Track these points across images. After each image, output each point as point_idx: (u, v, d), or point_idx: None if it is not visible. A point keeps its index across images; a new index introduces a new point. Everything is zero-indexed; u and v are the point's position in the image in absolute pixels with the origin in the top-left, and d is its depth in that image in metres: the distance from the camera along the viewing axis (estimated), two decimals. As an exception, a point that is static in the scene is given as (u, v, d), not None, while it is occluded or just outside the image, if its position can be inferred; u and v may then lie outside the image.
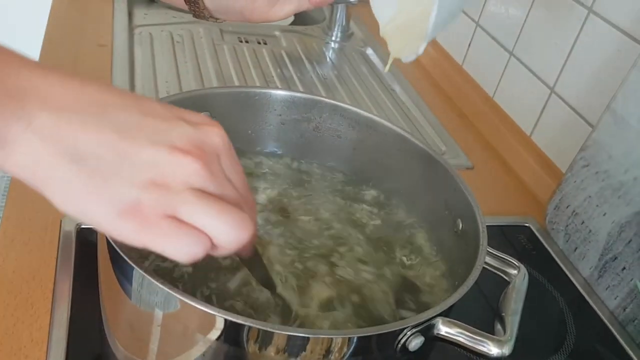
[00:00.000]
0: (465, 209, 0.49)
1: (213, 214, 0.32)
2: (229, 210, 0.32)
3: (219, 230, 0.32)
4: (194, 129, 0.33)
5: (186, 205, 0.31)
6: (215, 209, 0.32)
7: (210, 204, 0.32)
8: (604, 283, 0.71)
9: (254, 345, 0.37)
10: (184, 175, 0.32)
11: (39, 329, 0.53)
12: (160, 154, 0.31)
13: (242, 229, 0.33)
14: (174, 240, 0.31)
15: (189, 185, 0.32)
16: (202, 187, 0.32)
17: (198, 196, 0.32)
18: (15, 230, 0.62)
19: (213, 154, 0.33)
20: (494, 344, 0.39)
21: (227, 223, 0.32)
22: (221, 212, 0.32)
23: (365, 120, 0.57)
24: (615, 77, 0.74)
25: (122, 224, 0.31)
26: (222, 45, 1.07)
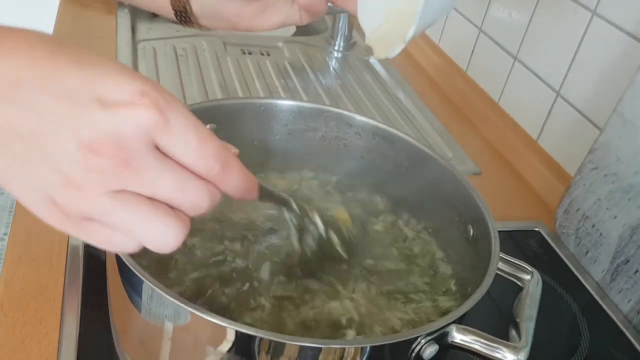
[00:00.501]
0: (475, 215, 0.48)
1: (131, 222, 0.29)
2: (150, 216, 0.29)
3: (140, 238, 0.29)
4: (110, 116, 0.28)
5: (100, 214, 0.29)
6: (134, 218, 0.29)
7: (128, 212, 0.29)
8: (616, 286, 0.70)
9: (266, 357, 0.36)
10: (96, 177, 0.28)
11: (48, 345, 0.52)
12: (67, 149, 0.27)
13: (167, 235, 0.30)
14: (100, 240, 0.30)
15: (106, 189, 0.28)
16: (121, 188, 0.28)
17: (114, 202, 0.28)
18: (22, 247, 0.62)
19: (135, 144, 0.28)
20: (509, 350, 0.39)
21: (149, 231, 0.29)
22: (140, 221, 0.29)
23: (371, 128, 0.57)
24: (621, 79, 0.74)
25: (48, 213, 0.29)
26: (225, 58, 1.07)
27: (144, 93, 0.28)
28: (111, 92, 0.28)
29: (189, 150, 0.29)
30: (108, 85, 0.28)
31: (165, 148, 0.29)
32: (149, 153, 0.28)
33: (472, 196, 0.49)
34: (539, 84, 0.90)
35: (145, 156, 0.28)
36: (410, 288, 0.50)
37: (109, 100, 0.28)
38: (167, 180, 0.29)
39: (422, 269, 0.52)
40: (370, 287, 0.49)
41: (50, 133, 0.27)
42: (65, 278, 0.59)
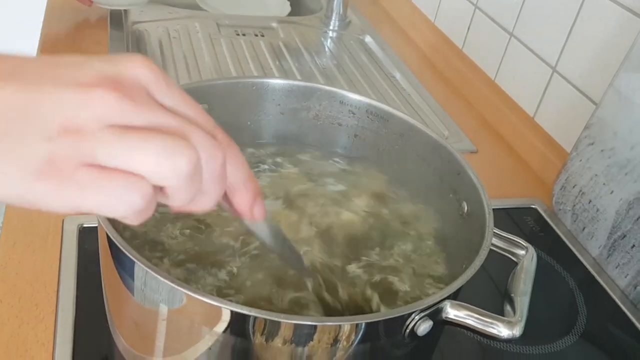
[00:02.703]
0: (470, 192, 0.48)
1: (135, 145, 0.26)
2: (155, 136, 0.27)
3: (148, 164, 0.26)
4: (106, 64, 0.27)
5: (102, 146, 0.26)
6: (138, 138, 0.26)
7: (132, 136, 0.26)
8: (613, 262, 0.70)
9: (261, 336, 0.36)
10: (96, 112, 0.26)
11: (44, 330, 0.52)
12: (65, 95, 0.26)
13: (177, 155, 0.27)
14: (98, 191, 0.26)
15: (106, 123, 0.26)
16: (124, 122, 0.27)
17: (117, 132, 0.26)
18: (17, 233, 0.62)
19: (134, 84, 0.27)
20: (504, 325, 0.39)
21: (156, 151, 0.26)
22: (145, 140, 0.26)
23: (365, 106, 0.56)
24: (617, 54, 0.73)
25: (39, 186, 0.26)
26: (219, 39, 1.06)
27: (135, 58, 0.28)
28: (110, 57, 0.28)
29: (188, 105, 0.29)
30: (107, 57, 0.28)
31: (161, 99, 0.28)
32: (150, 98, 0.28)
33: (467, 172, 0.48)
34: (535, 60, 0.90)
35: (145, 95, 0.28)
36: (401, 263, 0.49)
37: (106, 59, 0.28)
38: (168, 116, 0.28)
39: (415, 244, 0.51)
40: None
41: (44, 90, 0.26)
42: (60, 263, 0.59)
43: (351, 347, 0.37)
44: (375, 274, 0.48)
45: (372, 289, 0.46)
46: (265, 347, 0.37)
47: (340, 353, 0.38)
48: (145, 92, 0.28)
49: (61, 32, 1.02)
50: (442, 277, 0.49)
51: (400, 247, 0.51)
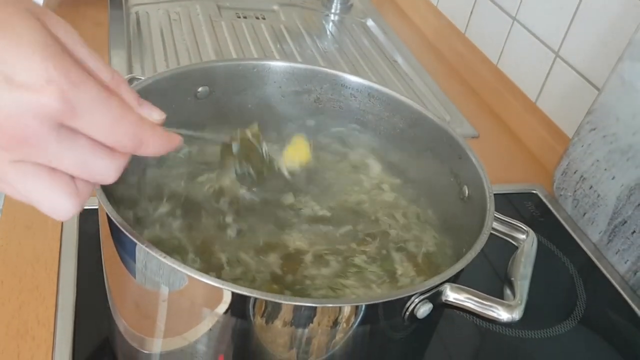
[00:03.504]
0: (471, 175, 0.48)
1: (27, 190, 0.30)
2: (46, 187, 0.30)
3: (38, 206, 0.31)
4: (12, 96, 0.27)
5: (6, 179, 0.29)
6: (31, 185, 0.30)
7: (25, 180, 0.30)
8: (613, 247, 0.70)
9: (262, 317, 0.36)
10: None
11: (45, 311, 0.53)
12: None
13: (61, 209, 0.31)
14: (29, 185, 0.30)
15: (5, 158, 0.29)
16: (22, 159, 0.29)
17: (13, 169, 0.29)
18: (17, 214, 0.62)
19: (33, 126, 0.28)
20: (503, 308, 0.39)
21: (44, 202, 0.30)
22: (36, 189, 0.30)
23: (366, 89, 0.56)
24: (621, 39, 0.73)
25: None
26: (219, 22, 1.06)
27: (50, 80, 0.27)
28: (19, 73, 0.27)
29: (99, 132, 0.30)
30: (16, 67, 0.27)
31: (74, 128, 0.29)
32: (50, 133, 0.28)
33: (468, 156, 0.48)
34: (538, 45, 0.89)
35: (46, 136, 0.28)
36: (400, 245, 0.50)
37: (15, 81, 0.27)
38: (68, 156, 0.30)
39: (415, 227, 0.51)
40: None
41: None
42: (61, 245, 0.59)
43: (351, 329, 0.38)
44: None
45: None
46: (265, 328, 0.37)
47: (340, 335, 0.38)
48: (48, 125, 0.28)
49: (61, 13, 1.01)
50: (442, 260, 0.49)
51: (400, 230, 0.51)
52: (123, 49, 0.91)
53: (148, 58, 0.91)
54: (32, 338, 0.50)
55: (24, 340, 0.50)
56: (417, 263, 0.48)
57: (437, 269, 0.48)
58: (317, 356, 0.39)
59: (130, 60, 0.90)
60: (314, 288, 0.45)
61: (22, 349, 0.49)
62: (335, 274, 0.46)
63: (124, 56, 0.90)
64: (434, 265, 0.49)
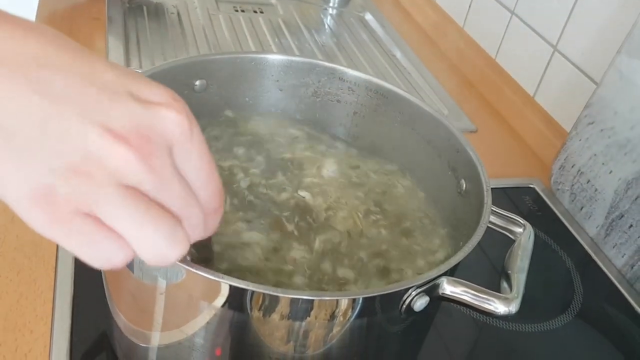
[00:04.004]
0: (469, 169, 0.48)
1: (137, 221, 0.26)
2: (159, 221, 0.27)
3: (140, 243, 0.27)
4: (142, 109, 0.26)
5: (107, 205, 0.26)
6: (142, 216, 0.26)
7: (137, 209, 0.26)
8: (610, 242, 0.70)
9: (259, 310, 0.36)
10: (113, 166, 0.25)
11: (42, 304, 0.53)
12: (89, 134, 0.25)
13: (170, 247, 0.27)
14: (85, 243, 0.26)
15: (118, 180, 0.26)
16: (135, 185, 0.26)
17: (124, 196, 0.26)
18: (15, 207, 0.61)
19: (160, 144, 0.27)
20: (500, 301, 0.39)
21: (153, 236, 0.27)
22: (148, 221, 0.26)
23: (365, 83, 0.56)
24: (619, 33, 0.73)
25: (32, 211, 0.26)
26: (217, 15, 1.05)
27: (176, 98, 0.28)
28: (144, 90, 0.27)
29: (200, 173, 0.29)
30: (141, 85, 0.27)
31: (180, 161, 0.28)
32: (169, 156, 0.27)
33: (466, 149, 0.48)
34: (536, 38, 0.89)
35: (166, 158, 0.27)
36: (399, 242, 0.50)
37: (142, 97, 0.27)
38: (177, 189, 0.28)
39: (413, 222, 0.51)
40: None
41: (69, 116, 0.25)
42: (59, 238, 0.59)
43: (348, 322, 0.38)
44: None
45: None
46: (263, 321, 0.37)
47: (337, 328, 0.38)
48: (167, 151, 0.27)
49: (58, 6, 1.00)
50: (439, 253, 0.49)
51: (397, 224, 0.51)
52: (121, 43, 0.91)
53: (146, 51, 0.91)
54: (29, 331, 0.50)
55: (22, 333, 0.50)
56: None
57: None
58: (315, 349, 0.39)
59: (128, 54, 0.90)
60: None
61: (20, 342, 0.49)
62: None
63: (122, 49, 0.89)
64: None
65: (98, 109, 0.25)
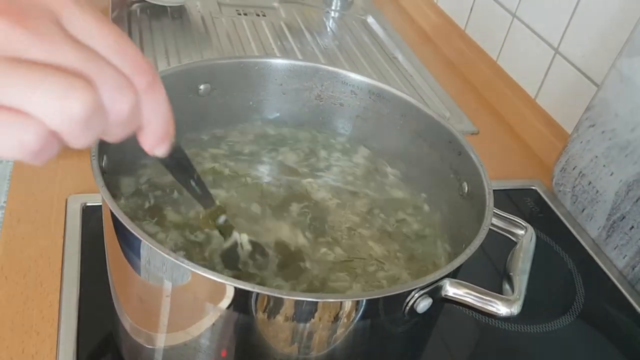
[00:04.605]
0: (471, 172, 0.48)
1: (26, 82, 0.23)
2: (49, 73, 0.23)
3: (38, 105, 0.23)
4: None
5: None
6: (30, 74, 0.23)
7: (23, 71, 0.23)
8: (612, 243, 0.70)
9: (264, 312, 0.37)
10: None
11: (49, 306, 0.53)
12: None
13: (71, 98, 0.24)
14: None
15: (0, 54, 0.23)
16: (18, 54, 0.23)
17: (7, 65, 0.23)
18: (20, 210, 0.62)
19: (42, 10, 0.24)
20: (502, 303, 0.39)
21: (48, 90, 0.23)
22: (37, 77, 0.23)
23: (367, 86, 0.56)
24: (620, 35, 0.73)
25: None
26: (220, 19, 1.06)
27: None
28: None
29: (104, 40, 0.25)
30: None
31: (73, 28, 0.25)
32: (56, 23, 0.24)
33: (468, 152, 0.49)
34: (538, 41, 0.89)
35: (50, 23, 0.24)
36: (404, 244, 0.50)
37: None
38: (72, 49, 0.24)
39: (415, 224, 0.52)
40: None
41: None
42: (64, 241, 0.59)
43: (352, 323, 0.38)
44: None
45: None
46: (267, 323, 0.38)
47: (341, 329, 0.38)
48: (54, 19, 0.24)
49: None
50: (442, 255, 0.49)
51: (400, 226, 0.51)
52: (124, 46, 0.92)
53: (149, 55, 0.92)
54: (36, 333, 0.51)
55: (29, 335, 0.51)
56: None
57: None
58: (319, 350, 0.40)
59: (132, 58, 0.91)
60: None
61: (27, 344, 0.50)
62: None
63: (125, 53, 0.90)
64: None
65: None
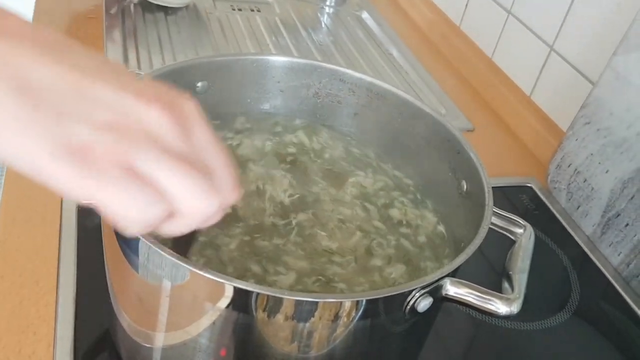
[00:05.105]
0: (469, 170, 0.48)
1: (177, 172, 0.27)
2: (196, 174, 0.28)
3: (181, 194, 0.28)
4: (162, 89, 0.29)
5: (147, 156, 0.27)
6: (181, 168, 0.27)
7: (176, 162, 0.27)
8: (607, 240, 0.71)
9: (263, 312, 0.37)
10: (150, 123, 0.27)
11: (45, 306, 0.53)
12: (126, 97, 0.27)
13: (208, 199, 0.29)
14: (124, 191, 0.26)
15: (152, 136, 0.27)
16: (167, 144, 0.27)
17: (162, 150, 0.27)
18: (15, 209, 0.62)
19: (185, 116, 0.29)
20: (502, 302, 0.39)
21: (193, 188, 0.28)
22: (187, 173, 0.28)
23: (365, 84, 0.56)
24: (615, 33, 0.73)
25: (63, 165, 0.26)
26: (214, 14, 1.05)
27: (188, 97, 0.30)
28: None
29: (214, 152, 0.30)
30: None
31: (196, 135, 0.30)
32: (191, 128, 0.29)
33: (466, 151, 0.49)
34: (533, 38, 0.90)
35: (190, 128, 0.29)
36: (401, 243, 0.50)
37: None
38: (201, 156, 0.29)
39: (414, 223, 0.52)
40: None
41: (103, 85, 0.27)
42: (60, 239, 0.59)
43: (352, 323, 0.38)
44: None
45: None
46: (267, 322, 0.38)
47: (340, 329, 0.38)
48: (189, 125, 0.29)
49: (54, 6, 1.00)
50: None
51: (398, 226, 0.51)
52: (118, 43, 0.91)
53: (144, 51, 0.91)
54: (33, 333, 0.50)
55: (25, 335, 0.50)
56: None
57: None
58: (318, 350, 0.40)
59: (126, 54, 0.90)
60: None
61: (24, 344, 0.50)
62: None
63: (120, 50, 0.89)
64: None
65: (129, 81, 0.28)
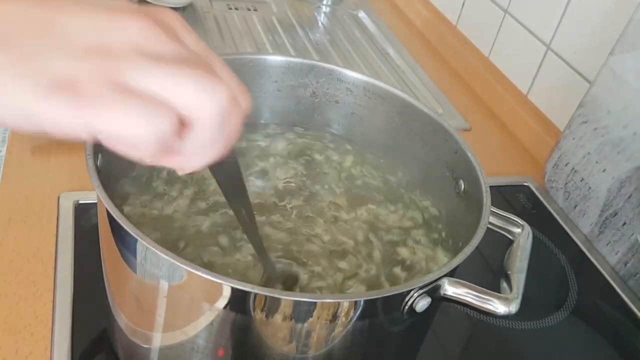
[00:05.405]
0: (467, 170, 0.48)
1: (174, 74, 0.25)
2: (193, 68, 0.26)
3: (183, 94, 0.25)
4: (143, 6, 0.27)
5: (136, 68, 0.25)
6: (177, 69, 0.25)
7: (170, 65, 0.25)
8: (604, 239, 0.71)
9: (261, 312, 0.37)
10: (131, 35, 0.25)
11: (42, 306, 0.53)
12: (97, 16, 0.25)
13: (214, 91, 0.26)
14: (123, 111, 0.24)
15: (139, 48, 0.25)
16: (157, 51, 0.26)
17: (150, 57, 0.25)
18: (12, 209, 0.61)
19: (167, 22, 0.27)
20: (500, 302, 0.39)
21: (193, 83, 0.25)
22: (183, 71, 0.25)
23: (363, 84, 0.56)
24: (612, 32, 0.73)
25: (52, 102, 0.24)
26: (211, 13, 1.05)
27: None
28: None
29: (201, 48, 0.29)
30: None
31: (180, 37, 0.28)
32: (175, 31, 0.28)
33: (464, 150, 0.49)
34: (530, 37, 0.90)
35: (173, 30, 0.27)
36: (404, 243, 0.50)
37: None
38: (192, 52, 0.27)
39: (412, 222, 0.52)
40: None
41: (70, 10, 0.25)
42: (57, 239, 0.59)
43: (350, 323, 0.38)
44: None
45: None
46: (265, 323, 0.37)
47: (339, 329, 0.38)
48: (172, 28, 0.27)
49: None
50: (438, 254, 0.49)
51: (396, 225, 0.51)
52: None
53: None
54: (30, 334, 0.50)
55: (22, 336, 0.50)
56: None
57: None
58: (317, 350, 0.40)
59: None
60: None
61: (21, 344, 0.49)
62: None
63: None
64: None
65: (100, 3, 0.26)
